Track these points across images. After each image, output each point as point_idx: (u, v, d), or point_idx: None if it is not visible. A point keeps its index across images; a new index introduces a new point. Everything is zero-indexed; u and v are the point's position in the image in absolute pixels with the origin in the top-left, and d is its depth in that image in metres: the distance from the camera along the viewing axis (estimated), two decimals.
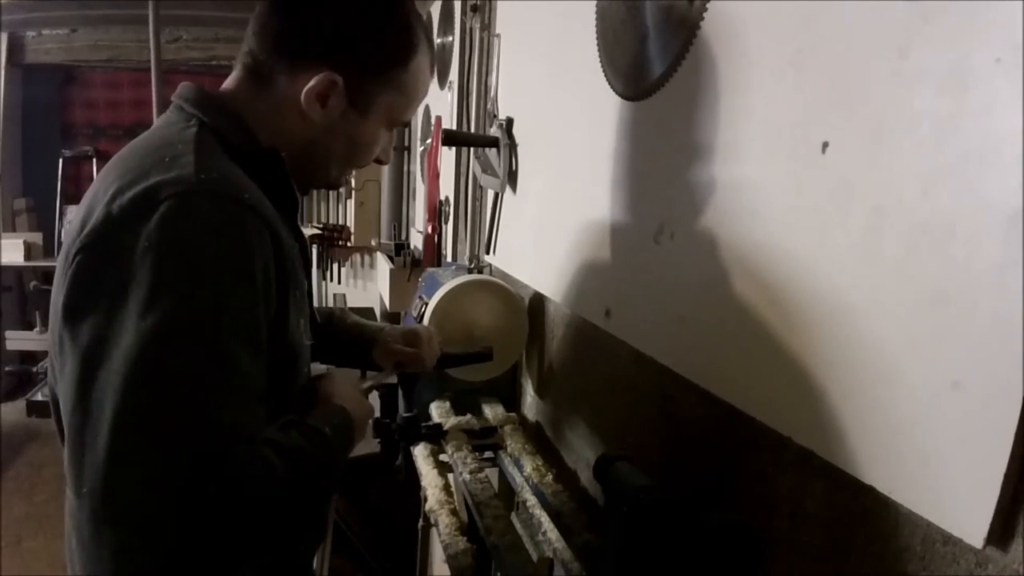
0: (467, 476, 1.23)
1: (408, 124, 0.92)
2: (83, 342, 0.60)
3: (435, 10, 2.44)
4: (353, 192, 3.69)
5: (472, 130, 1.84)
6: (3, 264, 4.31)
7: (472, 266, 1.75)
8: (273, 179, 0.76)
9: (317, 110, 0.77)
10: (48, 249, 4.74)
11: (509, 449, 1.36)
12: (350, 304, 3.98)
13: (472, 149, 1.83)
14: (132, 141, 0.76)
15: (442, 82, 2.29)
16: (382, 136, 0.86)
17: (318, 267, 4.07)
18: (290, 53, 0.77)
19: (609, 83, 1.05)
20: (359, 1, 0.78)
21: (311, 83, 0.76)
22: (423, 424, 1.36)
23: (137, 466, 0.57)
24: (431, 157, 1.73)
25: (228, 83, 0.80)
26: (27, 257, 4.43)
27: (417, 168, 2.97)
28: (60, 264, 0.67)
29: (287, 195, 0.78)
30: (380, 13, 0.79)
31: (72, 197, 5.01)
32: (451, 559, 1.12)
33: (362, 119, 0.81)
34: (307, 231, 4.03)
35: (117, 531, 0.57)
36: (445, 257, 2.20)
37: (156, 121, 0.78)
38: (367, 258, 4.15)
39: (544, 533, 1.09)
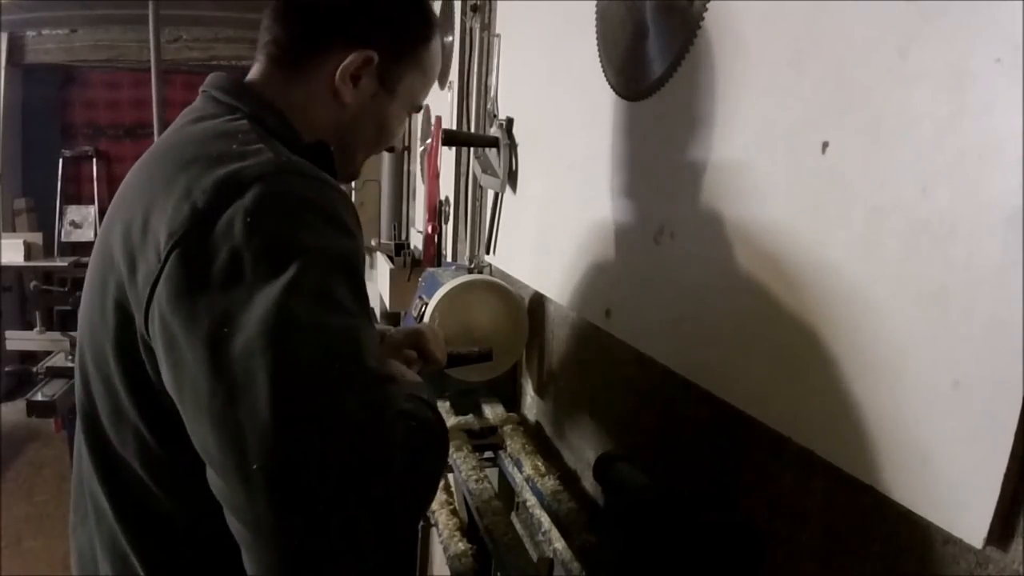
0: (467, 476, 1.23)
1: (421, 108, 0.93)
2: (203, 325, 0.56)
3: (435, 10, 2.44)
4: (353, 192, 3.69)
5: (472, 130, 1.84)
6: (3, 264, 4.31)
7: (472, 266, 1.75)
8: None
9: (349, 90, 0.76)
10: (48, 249, 4.74)
11: (509, 449, 1.36)
12: None
13: (472, 149, 1.83)
14: (166, 137, 0.72)
15: (442, 82, 2.29)
16: (403, 119, 0.86)
17: None
18: (320, 34, 0.76)
19: (609, 83, 1.05)
20: None
21: (347, 60, 0.75)
22: None
23: (307, 420, 0.53)
24: (431, 157, 1.73)
25: (253, 75, 0.78)
26: (27, 257, 4.43)
27: (417, 168, 2.97)
28: (113, 268, 0.64)
29: None
30: None
31: (72, 197, 5.02)
32: (451, 559, 1.12)
33: (390, 99, 0.81)
34: None
35: (301, 497, 0.53)
36: (445, 257, 2.20)
37: (186, 114, 0.75)
38: (367, 258, 4.15)
39: (544, 533, 1.09)
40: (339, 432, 0.54)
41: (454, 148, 1.99)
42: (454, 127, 1.97)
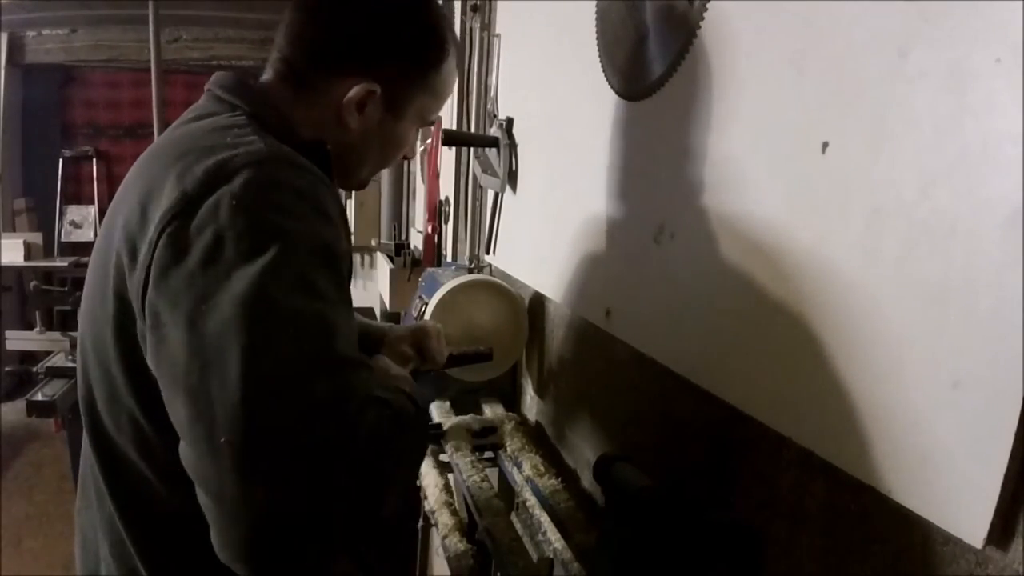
0: (467, 476, 1.23)
1: (433, 123, 0.94)
2: (184, 303, 0.58)
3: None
4: (353, 192, 3.69)
5: (472, 130, 1.84)
6: (3, 264, 4.31)
7: (472, 266, 1.75)
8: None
9: (355, 118, 0.78)
10: (48, 249, 4.74)
11: (509, 449, 1.36)
12: None
13: (472, 149, 1.83)
14: (168, 133, 0.74)
15: None
16: (412, 135, 0.87)
17: None
18: (328, 62, 0.77)
19: (609, 83, 1.05)
20: (394, 9, 0.79)
21: (350, 93, 0.76)
22: None
23: (275, 398, 0.55)
24: (431, 157, 1.73)
25: (262, 80, 0.80)
26: (27, 257, 4.43)
27: (417, 168, 2.97)
28: (113, 258, 0.66)
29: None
30: (414, 20, 0.81)
31: (72, 197, 5.02)
32: (451, 559, 1.12)
33: (397, 122, 0.83)
34: None
35: (265, 470, 0.55)
36: (445, 257, 2.20)
37: (189, 112, 0.77)
38: (367, 258, 4.14)
39: (544, 533, 1.08)
40: (304, 412, 0.56)
41: (454, 148, 1.99)
42: (454, 127, 1.97)
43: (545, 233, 1.36)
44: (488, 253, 1.68)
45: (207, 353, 0.56)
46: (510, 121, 1.54)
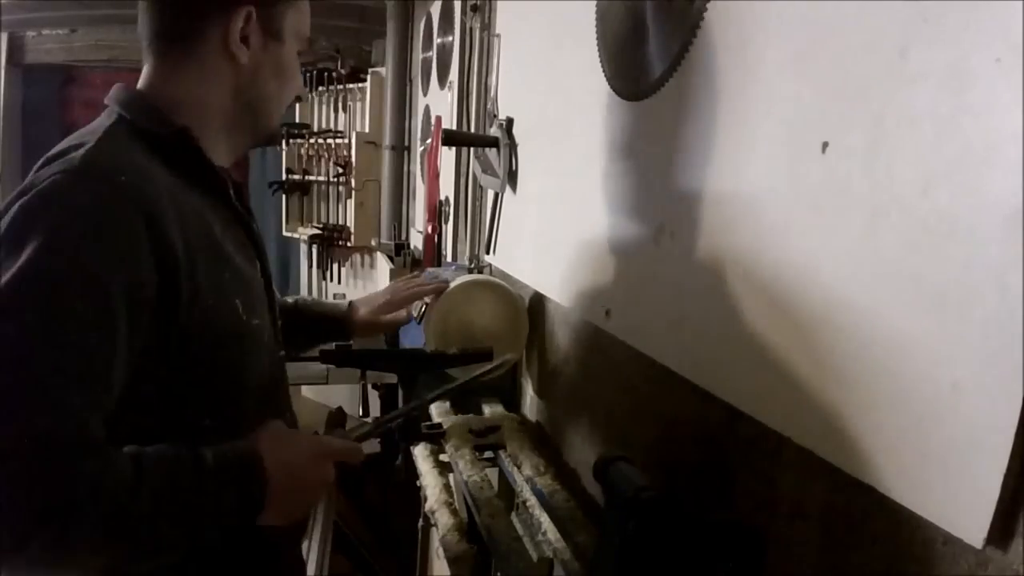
0: (467, 476, 1.23)
1: (310, 41, 0.95)
2: None
3: (435, 10, 2.44)
4: (353, 192, 3.69)
5: (472, 130, 1.84)
6: None
7: (472, 266, 1.75)
8: (190, 160, 0.78)
9: (243, 52, 0.80)
10: None
11: (509, 449, 1.36)
12: None
13: (472, 149, 1.83)
14: None
15: (442, 82, 2.29)
16: (296, 59, 0.88)
17: (318, 267, 4.07)
18: (195, 12, 0.79)
19: (609, 83, 1.05)
20: None
21: (231, 24, 0.78)
22: (423, 424, 1.36)
23: None
24: (431, 157, 1.73)
25: (142, 78, 0.82)
26: None
27: (417, 168, 2.97)
28: None
29: (207, 173, 0.80)
30: None
31: None
32: (451, 559, 1.12)
33: (280, 45, 0.84)
34: (307, 231, 4.03)
35: None
36: (445, 257, 2.20)
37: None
38: (367, 258, 4.14)
39: (544, 533, 1.08)
40: (19, 443, 0.57)
41: (454, 148, 1.99)
42: (454, 127, 1.97)
43: (545, 233, 1.36)
44: (488, 253, 1.68)
45: None
46: (510, 121, 1.54)
